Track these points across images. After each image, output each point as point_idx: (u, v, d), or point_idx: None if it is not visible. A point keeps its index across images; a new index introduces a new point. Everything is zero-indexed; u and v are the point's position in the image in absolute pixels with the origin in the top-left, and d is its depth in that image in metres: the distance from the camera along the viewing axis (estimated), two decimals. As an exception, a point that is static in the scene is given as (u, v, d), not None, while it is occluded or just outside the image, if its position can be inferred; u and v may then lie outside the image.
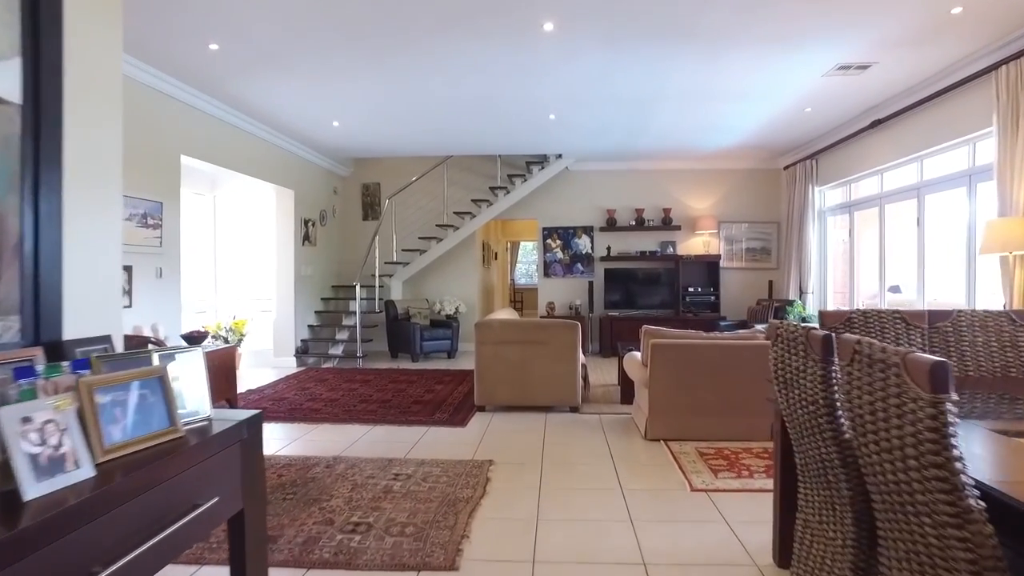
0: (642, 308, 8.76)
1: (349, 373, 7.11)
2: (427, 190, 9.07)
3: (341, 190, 9.36)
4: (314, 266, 8.34)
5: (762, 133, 7.16)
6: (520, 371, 5.00)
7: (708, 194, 9.04)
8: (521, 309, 16.34)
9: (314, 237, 8.29)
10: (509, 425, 4.67)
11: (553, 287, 9.17)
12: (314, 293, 8.39)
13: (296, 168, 7.82)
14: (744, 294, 8.96)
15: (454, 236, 8.63)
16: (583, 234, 9.11)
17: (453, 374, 6.99)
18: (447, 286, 9.20)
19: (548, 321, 5.01)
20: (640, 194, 9.08)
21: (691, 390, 4.06)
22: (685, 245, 9.05)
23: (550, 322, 5.01)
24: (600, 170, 9.08)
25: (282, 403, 5.48)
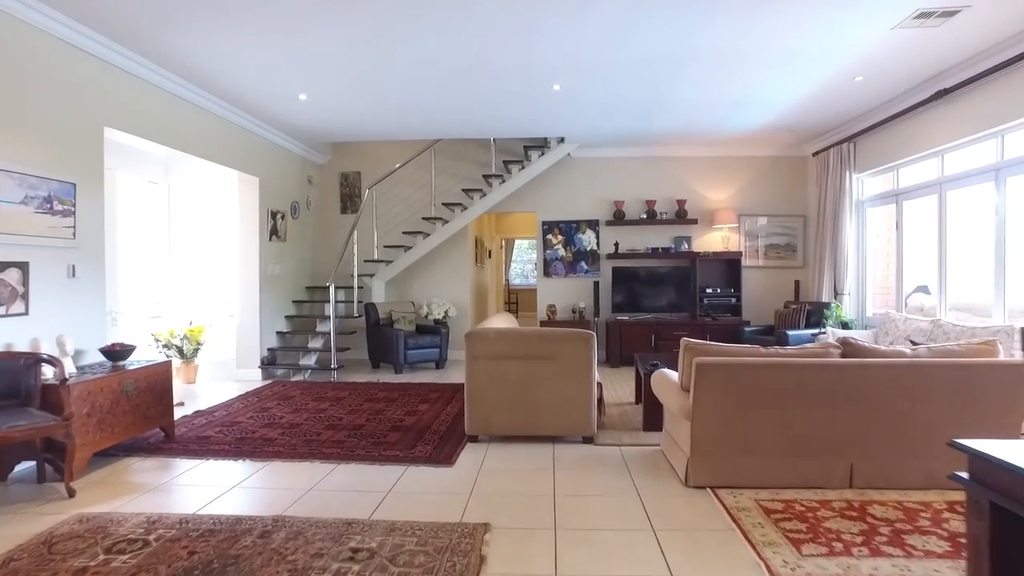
0: (654, 311, 7.82)
1: (321, 388, 6.13)
2: (413, 179, 8.10)
3: (317, 180, 8.37)
4: (284, 264, 7.35)
5: (796, 110, 6.23)
6: (521, 393, 4.04)
7: (727, 184, 8.11)
8: (516, 312, 15.43)
9: (284, 231, 7.30)
10: (508, 463, 3.71)
11: (554, 288, 8.22)
12: (284, 295, 7.40)
13: (262, 152, 6.83)
14: (767, 295, 8.04)
15: (443, 230, 7.66)
16: (587, 229, 8.16)
17: (441, 389, 6.02)
18: (435, 287, 8.23)
19: (556, 332, 4.06)
20: (651, 184, 8.14)
21: (748, 423, 3.11)
22: (701, 241, 8.12)
23: (559, 332, 4.05)
24: (607, 157, 8.13)
25: (232, 430, 4.49)
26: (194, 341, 6.56)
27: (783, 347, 3.28)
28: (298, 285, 7.77)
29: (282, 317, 7.31)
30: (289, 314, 7.46)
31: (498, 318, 5.22)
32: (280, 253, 7.24)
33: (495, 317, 5.29)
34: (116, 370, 3.86)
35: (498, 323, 4.81)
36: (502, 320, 5.19)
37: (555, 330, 4.09)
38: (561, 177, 8.17)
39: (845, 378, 3.04)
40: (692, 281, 7.74)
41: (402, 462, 3.72)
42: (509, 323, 5.30)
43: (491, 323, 4.68)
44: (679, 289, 7.81)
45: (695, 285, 7.70)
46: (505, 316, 5.66)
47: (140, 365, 4.05)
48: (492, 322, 4.75)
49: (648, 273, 7.85)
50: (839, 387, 3.04)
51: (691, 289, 7.74)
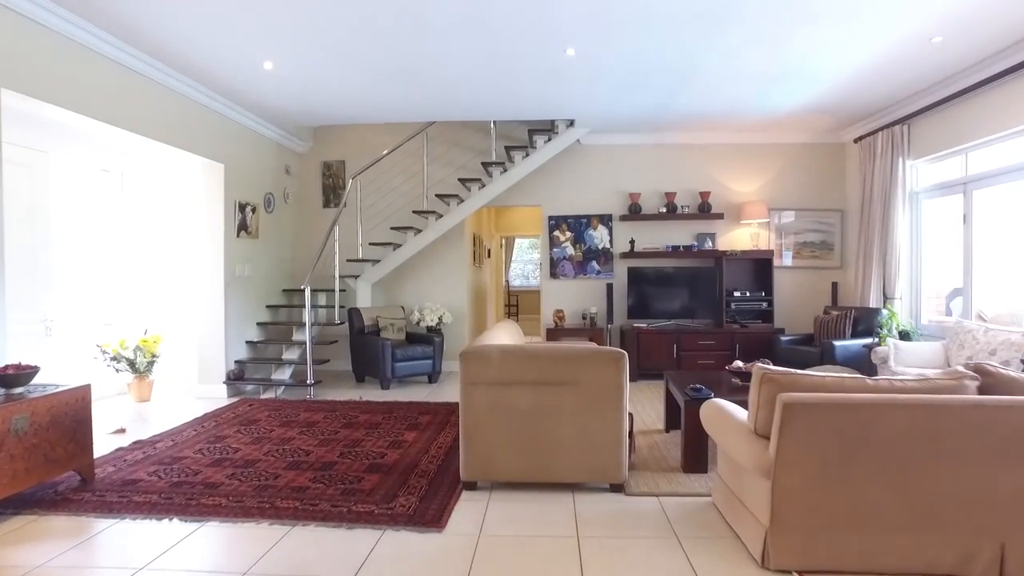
0: (675, 317, 6.94)
1: (293, 408, 5.24)
2: (403, 168, 7.21)
3: (296, 169, 7.48)
4: (255, 264, 6.45)
5: (847, 84, 5.35)
6: (532, 428, 3.16)
7: (755, 175, 7.24)
8: (517, 316, 14.57)
9: (255, 226, 6.40)
10: (516, 525, 2.82)
11: (561, 291, 7.33)
12: (256, 299, 6.50)
13: (227, 136, 5.93)
14: (801, 300, 7.17)
15: (437, 226, 6.77)
16: (599, 224, 7.28)
17: (433, 410, 5.13)
18: (428, 290, 7.34)
19: (578, 351, 3.17)
20: (671, 175, 7.26)
21: (853, 485, 2.23)
22: (727, 238, 7.24)
23: (581, 352, 3.17)
24: (621, 144, 7.25)
25: (170, 470, 3.60)
26: (149, 353, 5.66)
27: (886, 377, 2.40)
28: (273, 288, 6.88)
29: (253, 324, 6.41)
30: (262, 321, 6.57)
31: (501, 329, 4.33)
32: (251, 251, 6.35)
33: (497, 328, 4.40)
34: (9, 400, 2.97)
35: (501, 336, 3.93)
36: (506, 332, 4.31)
37: (575, 348, 3.20)
38: (570, 167, 7.29)
39: (993, 423, 2.15)
40: (718, 284, 6.86)
41: (377, 522, 2.83)
42: (514, 336, 4.42)
43: (492, 336, 3.79)
44: (702, 292, 6.93)
45: (721, 288, 6.83)
46: (509, 326, 4.77)
47: (46, 392, 3.15)
48: (494, 335, 3.87)
49: (668, 274, 6.97)
50: (985, 436, 2.16)
51: (716, 293, 6.86)
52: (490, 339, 3.64)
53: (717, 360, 6.60)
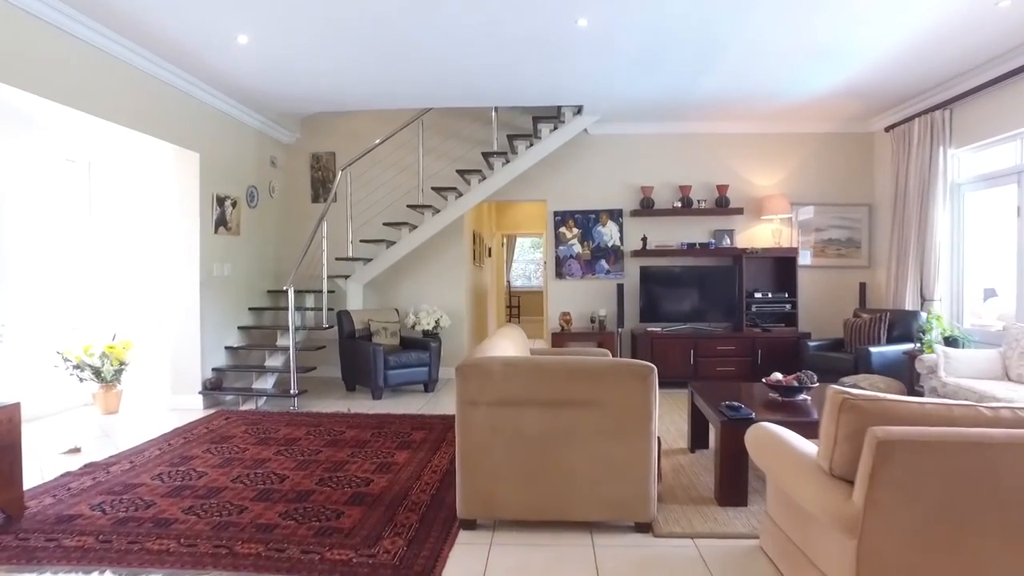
0: (690, 320, 6.41)
1: (273, 422, 4.73)
2: (396, 159, 6.70)
3: (283, 162, 6.96)
4: (236, 263, 5.94)
5: (889, 63, 4.84)
6: (543, 457, 2.64)
7: (775, 167, 6.72)
8: (518, 318, 14.07)
9: (235, 222, 5.88)
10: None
11: (568, 292, 6.81)
12: (237, 301, 5.99)
13: (204, 122, 5.42)
14: (826, 301, 6.65)
15: (433, 222, 6.26)
16: (609, 220, 6.77)
17: (428, 424, 4.62)
18: (424, 291, 6.83)
19: (597, 365, 2.65)
20: (686, 167, 6.75)
21: (970, 551, 1.71)
22: (747, 235, 6.72)
23: (601, 366, 2.65)
24: (632, 134, 6.74)
25: (119, 502, 3.08)
26: (116, 360, 5.15)
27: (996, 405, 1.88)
28: (256, 289, 6.36)
29: (233, 329, 5.89)
30: (244, 325, 6.05)
31: (504, 337, 3.82)
32: (231, 249, 5.83)
33: (499, 335, 3.88)
34: (-86, 425, 2.46)
35: (504, 345, 3.41)
36: (509, 339, 3.79)
37: (594, 362, 2.68)
38: (577, 158, 6.78)
39: None
40: (737, 284, 6.34)
41: (354, 574, 2.32)
42: (518, 344, 3.91)
43: (494, 346, 3.27)
44: (720, 294, 6.41)
45: (741, 289, 6.31)
46: (512, 332, 4.25)
47: (-38, 414, 2.64)
48: (496, 344, 3.35)
49: (683, 274, 6.45)
50: None
51: (736, 294, 6.34)
52: (492, 349, 3.12)
53: (738, 367, 6.08)
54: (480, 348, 3.09)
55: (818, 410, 3.25)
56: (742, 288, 6.30)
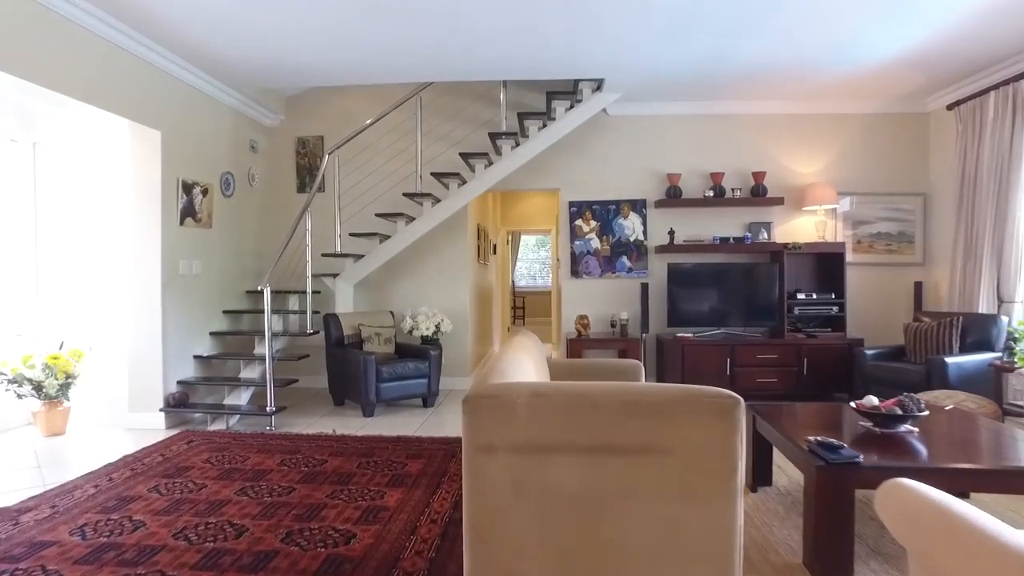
0: (724, 324, 5.66)
1: (243, 448, 3.98)
2: (391, 143, 5.94)
3: (265, 146, 6.22)
4: (208, 260, 5.19)
5: (968, 20, 4.09)
6: (583, 525, 1.89)
7: (819, 151, 5.97)
8: (523, 320, 13.33)
9: (206, 213, 5.14)
10: None
11: (585, 292, 6.06)
12: (208, 304, 5.24)
13: (165, 95, 4.68)
14: (873, 303, 5.90)
15: (433, 213, 5.51)
16: (631, 212, 6.02)
17: (427, 450, 3.87)
18: (423, 292, 6.08)
19: (661, 393, 1.90)
20: (718, 151, 6.00)
21: None
22: (786, 228, 5.97)
23: (666, 396, 1.90)
24: (657, 115, 5.99)
25: (14, 574, 2.34)
26: (62, 373, 4.41)
27: None
28: (232, 289, 5.61)
29: (204, 335, 5.15)
30: (217, 330, 5.31)
31: (519, 348, 3.06)
32: (200, 244, 5.09)
33: (515, 345, 3.13)
34: None
35: (521, 360, 2.66)
36: (525, 351, 3.04)
37: (656, 390, 1.93)
38: (595, 142, 6.03)
39: None
40: (778, 284, 5.59)
41: None
42: (537, 358, 3.16)
43: (511, 362, 2.52)
44: (758, 294, 5.65)
45: (782, 289, 5.56)
46: (527, 341, 3.50)
47: None
48: (512, 360, 2.59)
49: (716, 272, 5.69)
50: None
51: (776, 294, 5.59)
52: (508, 367, 2.37)
53: (781, 379, 5.34)
54: (493, 368, 2.33)
55: (934, 446, 2.50)
56: (783, 288, 5.55)
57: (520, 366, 2.54)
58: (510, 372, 2.30)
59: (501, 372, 2.23)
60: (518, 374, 2.36)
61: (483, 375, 2.22)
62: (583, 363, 4.13)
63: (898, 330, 5.61)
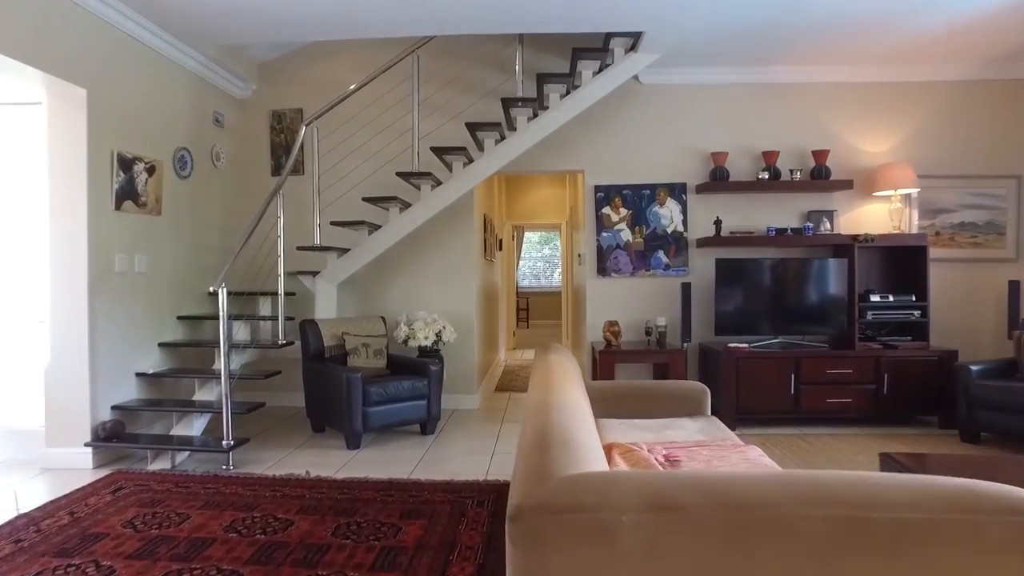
0: (782, 332, 4.72)
1: (186, 500, 3.01)
2: (380, 116, 4.97)
3: (234, 121, 5.25)
4: (157, 254, 4.22)
5: None
6: None
7: (891, 126, 5.04)
8: (527, 322, 12.39)
9: (153, 196, 4.16)
10: None
11: (613, 293, 5.11)
12: (158, 308, 4.27)
13: (94, 42, 3.70)
14: (959, 305, 4.98)
15: (432, 198, 4.54)
16: (668, 198, 5.07)
17: (429, 506, 2.90)
18: (421, 293, 5.12)
19: (910, 493, 0.96)
20: (771, 126, 5.06)
21: None
22: (851, 217, 5.04)
23: (916, 495, 0.94)
24: (698, 84, 5.05)
25: None
26: (-41, 398, 3.42)
27: None
28: (191, 290, 4.63)
29: (152, 347, 4.17)
30: (169, 340, 4.33)
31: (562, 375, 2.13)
32: (148, 234, 4.11)
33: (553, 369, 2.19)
34: None
35: (574, 401, 1.72)
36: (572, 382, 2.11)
37: (903, 488, 0.97)
38: (625, 116, 5.08)
39: None
40: (848, 283, 4.65)
41: None
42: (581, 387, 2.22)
43: (563, 407, 1.55)
44: (822, 296, 4.71)
45: (852, 290, 4.62)
46: (565, 363, 2.55)
47: None
48: (562, 401, 1.63)
49: (773, 269, 4.75)
50: None
51: (845, 296, 4.65)
52: (565, 422, 1.41)
53: (857, 399, 4.40)
54: (543, 425, 1.37)
55: None
56: (854, 288, 4.61)
57: (578, 415, 1.59)
58: (574, 433, 1.35)
59: (561, 438, 1.28)
60: (583, 432, 1.42)
61: (528, 444, 1.27)
62: (631, 389, 3.19)
63: (987, 337, 4.71)
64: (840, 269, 4.67)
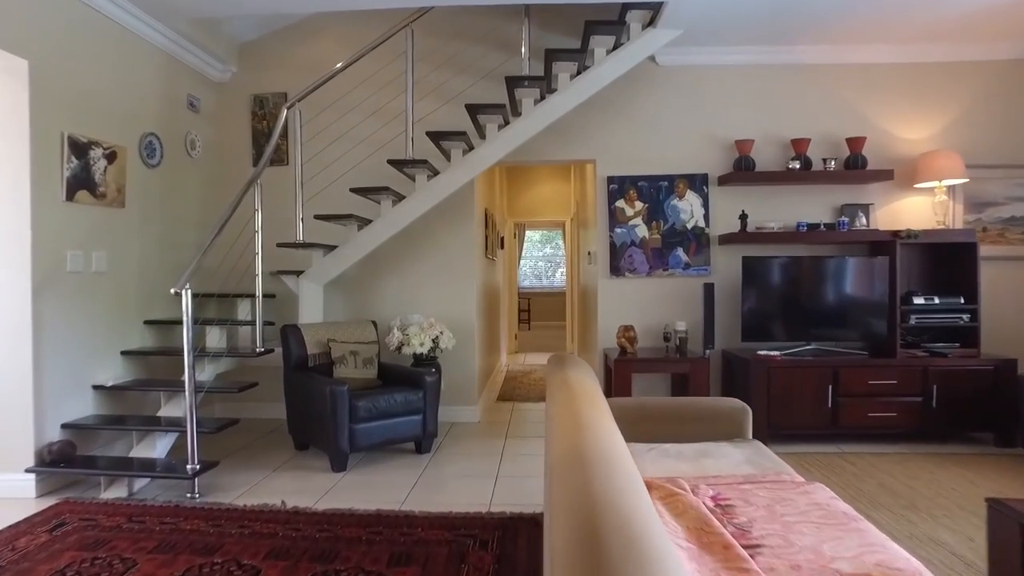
0: (816, 339, 4.26)
1: (136, 540, 2.56)
2: (369, 99, 4.51)
3: (212, 105, 4.79)
4: (119, 251, 3.76)
5: None
6: None
7: (933, 112, 4.59)
8: (528, 324, 11.94)
9: (113, 186, 3.70)
10: None
11: (628, 295, 4.65)
12: (121, 312, 3.81)
13: (45, 10, 3.23)
14: (1011, 308, 4.52)
15: (429, 189, 4.08)
16: (688, 190, 4.61)
17: (423, 542, 2.44)
18: (416, 295, 4.66)
19: None
20: (801, 112, 4.60)
21: None
22: (889, 211, 4.59)
23: None
24: (721, 64, 4.59)
25: None
26: None
27: None
28: (160, 292, 4.16)
29: (113, 355, 3.71)
30: (134, 348, 3.87)
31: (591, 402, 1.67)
32: (109, 229, 3.65)
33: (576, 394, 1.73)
34: None
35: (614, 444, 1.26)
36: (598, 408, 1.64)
37: None
38: (641, 100, 4.62)
39: None
40: (889, 284, 4.20)
41: None
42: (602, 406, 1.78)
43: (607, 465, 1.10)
44: (859, 298, 4.26)
45: (893, 291, 4.17)
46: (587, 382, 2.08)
47: None
48: (597, 451, 1.18)
49: (805, 268, 4.29)
50: None
51: (885, 298, 4.20)
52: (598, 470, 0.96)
53: (903, 414, 3.94)
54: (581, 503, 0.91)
55: None
56: (895, 290, 4.16)
57: (627, 475, 1.13)
58: (635, 520, 0.89)
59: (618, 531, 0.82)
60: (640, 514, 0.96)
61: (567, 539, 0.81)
62: (659, 408, 2.74)
63: (1049, 346, 4.24)
64: (880, 268, 4.21)
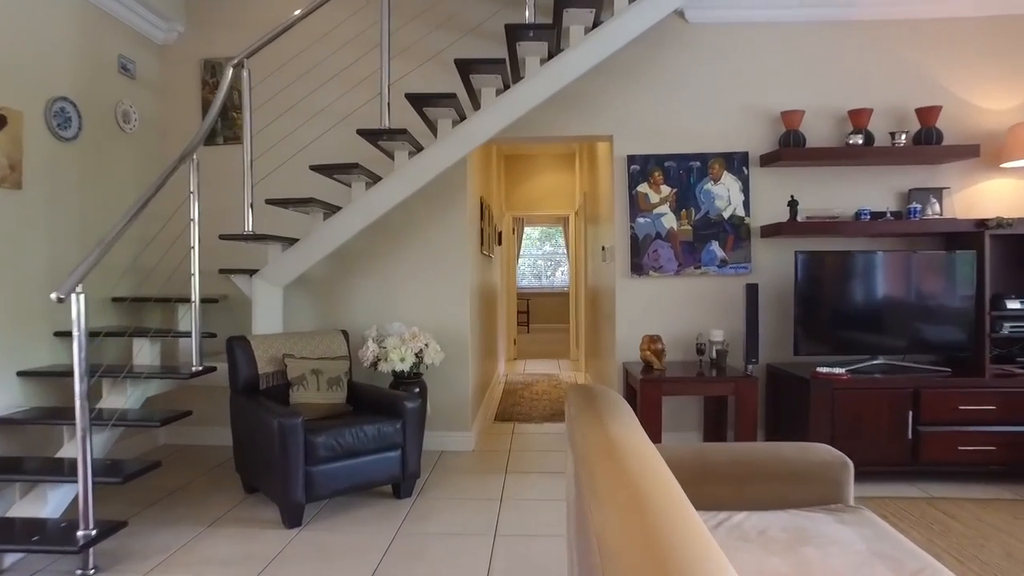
0: (883, 352, 3.49)
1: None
2: (333, 57, 3.72)
3: (154, 71, 3.99)
4: (17, 247, 2.97)
5: None
6: None
7: (1019, 77, 3.82)
8: (527, 326, 11.19)
9: (4, 163, 2.90)
10: None
11: (652, 297, 3.87)
12: (21, 323, 3.02)
13: None
14: (1112, 314, 3.75)
15: (411, 167, 3.28)
16: (724, 171, 3.83)
17: None
18: (395, 299, 3.87)
19: None
20: (861, 77, 3.82)
21: None
22: (968, 195, 3.81)
23: None
24: (763, 23, 3.81)
25: None
26: None
27: None
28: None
29: (9, 376, 2.91)
30: (37, 368, 3.07)
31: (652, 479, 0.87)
32: (0, 217, 2.86)
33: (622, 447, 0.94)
34: None
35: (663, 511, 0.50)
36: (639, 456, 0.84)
37: None
38: (666, 65, 3.84)
39: None
40: (976, 285, 3.43)
41: None
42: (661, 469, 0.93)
43: None
44: (937, 301, 3.49)
45: (981, 294, 3.41)
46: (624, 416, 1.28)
47: None
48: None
49: (873, 266, 3.52)
50: None
51: (972, 302, 3.43)
52: None
53: (1002, 446, 3.17)
54: None
55: None
56: (983, 292, 3.40)
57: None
58: None
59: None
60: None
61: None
62: (725, 458, 1.96)
63: None
64: (963, 266, 3.44)
